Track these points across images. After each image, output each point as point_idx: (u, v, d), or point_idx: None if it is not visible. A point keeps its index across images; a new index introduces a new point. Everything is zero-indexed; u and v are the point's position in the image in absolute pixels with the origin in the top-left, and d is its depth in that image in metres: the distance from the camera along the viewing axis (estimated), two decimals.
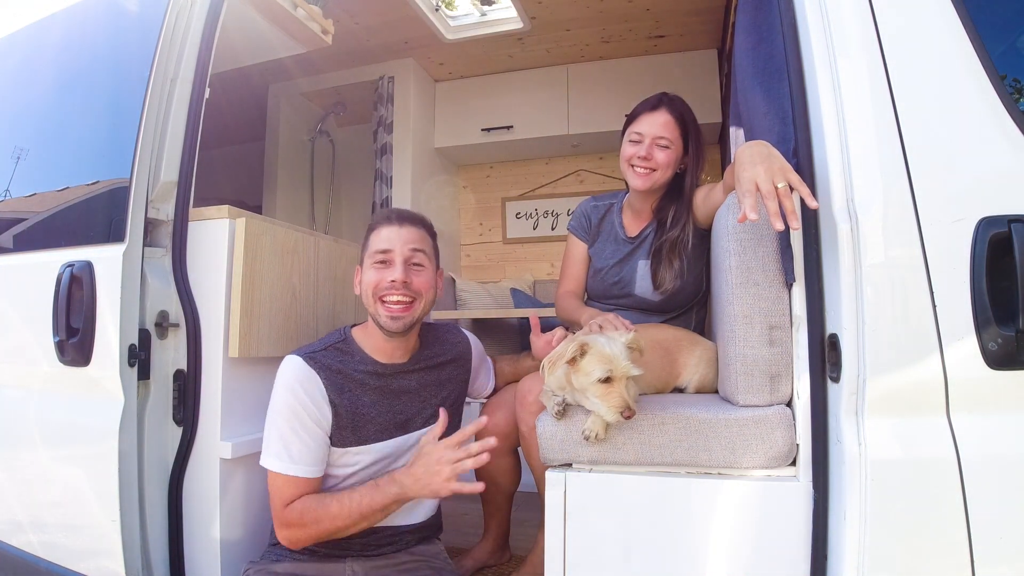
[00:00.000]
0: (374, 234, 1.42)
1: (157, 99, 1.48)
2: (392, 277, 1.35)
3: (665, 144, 1.61)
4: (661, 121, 1.61)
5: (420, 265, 1.40)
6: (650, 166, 1.61)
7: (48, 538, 1.53)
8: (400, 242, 1.38)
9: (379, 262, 1.38)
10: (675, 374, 1.41)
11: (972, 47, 0.94)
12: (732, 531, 1.08)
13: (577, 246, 1.83)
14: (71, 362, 1.43)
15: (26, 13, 1.89)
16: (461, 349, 1.58)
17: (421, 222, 1.45)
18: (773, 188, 0.96)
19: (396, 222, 1.40)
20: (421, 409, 1.46)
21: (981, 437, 0.90)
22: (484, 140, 3.62)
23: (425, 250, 1.42)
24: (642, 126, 1.63)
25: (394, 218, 1.41)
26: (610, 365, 1.12)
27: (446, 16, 3.16)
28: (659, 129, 1.61)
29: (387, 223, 1.41)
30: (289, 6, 2.08)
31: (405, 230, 1.40)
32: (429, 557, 1.49)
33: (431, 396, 1.48)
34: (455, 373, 1.55)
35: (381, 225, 1.41)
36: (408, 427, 1.43)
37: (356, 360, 1.40)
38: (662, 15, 2.96)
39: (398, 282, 1.35)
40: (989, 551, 0.88)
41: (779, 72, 1.16)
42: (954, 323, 0.90)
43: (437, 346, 1.54)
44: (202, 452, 1.43)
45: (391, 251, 1.37)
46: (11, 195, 1.76)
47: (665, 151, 1.61)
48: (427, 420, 1.45)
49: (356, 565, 1.39)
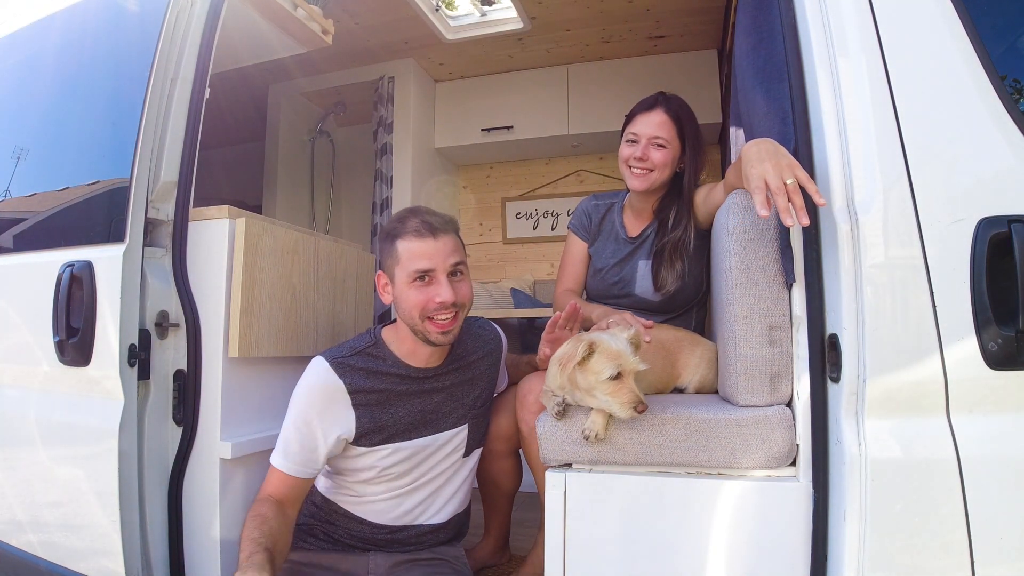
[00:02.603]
0: (405, 248, 1.31)
1: (157, 99, 1.47)
2: (441, 298, 1.28)
3: (661, 144, 1.60)
4: (657, 121, 1.61)
5: (461, 273, 1.35)
6: (647, 167, 1.61)
7: (48, 538, 1.53)
8: (440, 258, 1.30)
9: (420, 279, 1.30)
10: (675, 374, 1.41)
11: (972, 47, 0.94)
12: (732, 531, 1.08)
13: (577, 245, 1.82)
14: (71, 362, 1.43)
15: (26, 13, 1.89)
16: (492, 345, 1.56)
17: (451, 225, 1.37)
18: (782, 184, 0.96)
19: (430, 234, 1.30)
20: (453, 408, 1.45)
21: (981, 437, 0.90)
22: (484, 140, 3.62)
23: (462, 259, 1.36)
24: (638, 126, 1.63)
25: (426, 231, 1.31)
26: (619, 361, 1.12)
27: (446, 16, 3.16)
28: (654, 129, 1.60)
29: (419, 237, 1.30)
30: (289, 6, 2.08)
31: (441, 242, 1.31)
32: (450, 558, 1.49)
33: (463, 395, 1.47)
34: (487, 370, 1.53)
35: (414, 238, 1.31)
36: (439, 426, 1.43)
37: (388, 364, 1.37)
38: (662, 15, 2.95)
39: (447, 303, 1.29)
40: (989, 551, 0.88)
41: (779, 72, 1.16)
42: (954, 323, 0.90)
43: (470, 342, 1.50)
44: (202, 452, 1.43)
45: (434, 270, 1.30)
46: (11, 195, 1.76)
47: (661, 151, 1.61)
48: (458, 419, 1.45)
49: (379, 558, 1.41)
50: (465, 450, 1.48)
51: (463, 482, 1.51)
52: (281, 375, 1.42)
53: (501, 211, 3.96)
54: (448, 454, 1.45)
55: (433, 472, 1.44)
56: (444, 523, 1.48)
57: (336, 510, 1.44)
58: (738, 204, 1.15)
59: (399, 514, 1.43)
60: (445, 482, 1.47)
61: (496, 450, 1.61)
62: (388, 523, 1.43)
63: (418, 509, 1.44)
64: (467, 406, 1.46)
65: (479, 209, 4.02)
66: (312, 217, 3.90)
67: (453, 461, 1.47)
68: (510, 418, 1.57)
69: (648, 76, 3.25)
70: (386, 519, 1.43)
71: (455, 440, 1.46)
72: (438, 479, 1.46)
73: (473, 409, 1.48)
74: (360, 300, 1.93)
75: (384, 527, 1.43)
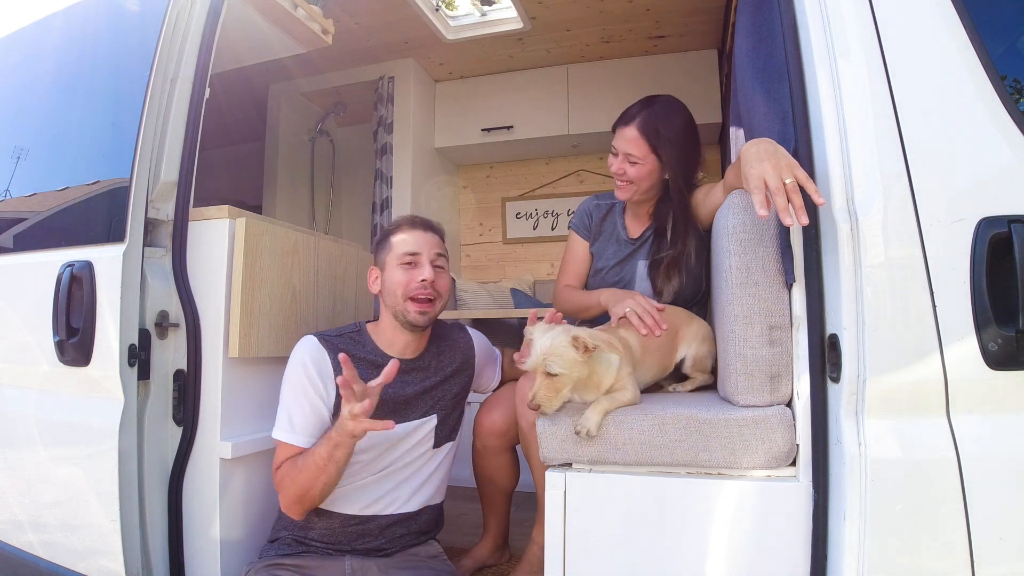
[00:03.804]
0: (397, 237, 1.50)
1: (157, 99, 1.47)
2: (423, 276, 1.44)
3: (633, 160, 1.61)
4: (628, 137, 1.61)
5: (441, 268, 1.50)
6: (625, 179, 1.63)
7: (48, 538, 1.53)
8: (427, 246, 1.48)
9: (407, 263, 1.46)
10: (674, 348, 1.43)
11: (972, 47, 0.94)
12: (732, 531, 1.08)
13: (579, 243, 1.83)
14: (71, 362, 1.43)
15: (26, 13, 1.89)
16: (464, 348, 1.63)
17: (439, 230, 1.56)
18: (781, 184, 0.96)
19: (421, 227, 1.51)
20: (423, 401, 1.50)
21: (981, 437, 0.90)
22: (484, 140, 3.62)
23: (445, 255, 1.53)
24: (616, 140, 1.65)
25: (418, 224, 1.52)
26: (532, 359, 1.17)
27: (446, 16, 3.16)
28: (626, 146, 1.61)
29: (411, 228, 1.51)
30: (289, 6, 2.08)
31: (429, 235, 1.51)
32: (427, 559, 1.51)
33: (433, 390, 1.52)
34: (458, 370, 1.59)
35: (405, 229, 1.51)
36: (407, 415, 1.47)
37: (367, 350, 1.47)
38: (662, 15, 2.95)
39: (428, 281, 1.44)
40: (989, 551, 0.88)
41: (779, 72, 1.16)
42: (954, 323, 0.90)
43: (443, 342, 1.60)
44: (202, 452, 1.43)
45: (419, 254, 1.47)
46: (11, 195, 1.76)
47: (635, 167, 1.61)
48: (425, 412, 1.50)
49: (355, 562, 1.41)
50: (435, 441, 1.52)
51: (432, 474, 1.54)
52: (281, 375, 1.43)
53: (501, 211, 3.96)
54: (416, 443, 1.49)
55: (401, 461, 1.48)
56: (413, 513, 1.50)
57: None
58: (738, 204, 1.15)
59: (367, 503, 1.44)
60: (414, 472, 1.50)
61: (492, 446, 1.62)
62: (356, 512, 1.44)
63: (387, 498, 1.46)
64: (436, 398, 1.53)
65: (479, 209, 4.02)
66: (312, 217, 3.90)
67: (422, 452, 1.51)
68: (505, 414, 1.58)
69: (648, 76, 3.25)
70: (354, 508, 1.44)
71: (422, 430, 1.50)
72: (406, 468, 1.49)
73: (442, 402, 1.53)
74: (360, 300, 1.94)
75: (353, 517, 1.44)
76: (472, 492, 1.78)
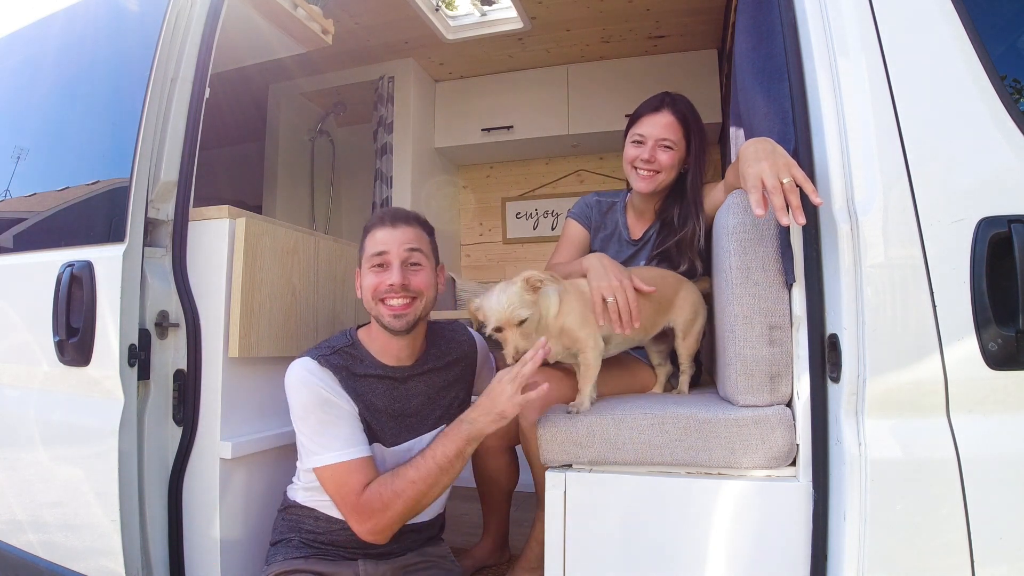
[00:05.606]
0: (369, 237, 1.41)
1: (157, 99, 1.47)
2: (390, 281, 1.34)
3: (668, 145, 1.59)
4: (664, 122, 1.59)
5: (418, 264, 1.39)
6: (653, 168, 1.60)
7: (48, 538, 1.53)
8: (396, 244, 1.37)
9: (376, 265, 1.38)
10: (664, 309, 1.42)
11: (972, 47, 0.94)
12: (732, 531, 1.08)
13: (576, 229, 1.79)
14: (71, 362, 1.43)
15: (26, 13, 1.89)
16: (467, 348, 1.57)
17: (416, 220, 1.44)
18: (779, 184, 0.96)
19: (390, 223, 1.39)
20: (431, 411, 1.45)
21: (981, 437, 0.90)
22: (484, 140, 3.62)
23: (422, 248, 1.40)
24: (644, 128, 1.62)
25: (387, 219, 1.40)
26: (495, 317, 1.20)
27: (446, 16, 3.16)
28: (661, 131, 1.59)
29: (381, 225, 1.40)
30: (289, 6, 2.08)
31: (399, 231, 1.39)
32: (438, 558, 1.49)
33: (439, 398, 1.47)
34: (462, 373, 1.54)
35: (375, 227, 1.40)
36: (418, 429, 1.43)
37: (365, 364, 1.39)
38: (662, 15, 2.95)
39: (396, 285, 1.34)
40: (989, 551, 0.88)
41: (779, 72, 1.16)
42: (954, 323, 0.90)
43: (443, 345, 1.53)
44: (202, 452, 1.43)
45: (387, 253, 1.37)
46: (11, 195, 1.76)
47: (669, 152, 1.59)
48: (435, 422, 1.44)
49: (368, 566, 1.38)
50: None
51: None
52: (281, 375, 1.42)
53: (501, 211, 3.96)
54: None
55: None
56: (428, 522, 1.47)
57: (316, 515, 1.38)
58: (738, 204, 1.15)
59: None
60: None
61: (492, 447, 1.62)
62: None
63: None
64: (443, 407, 1.47)
65: (479, 209, 4.01)
66: (312, 217, 3.90)
67: None
68: None
69: (648, 76, 3.25)
70: None
71: None
72: None
73: (450, 410, 1.47)
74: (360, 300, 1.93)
75: None
76: (472, 492, 1.78)
